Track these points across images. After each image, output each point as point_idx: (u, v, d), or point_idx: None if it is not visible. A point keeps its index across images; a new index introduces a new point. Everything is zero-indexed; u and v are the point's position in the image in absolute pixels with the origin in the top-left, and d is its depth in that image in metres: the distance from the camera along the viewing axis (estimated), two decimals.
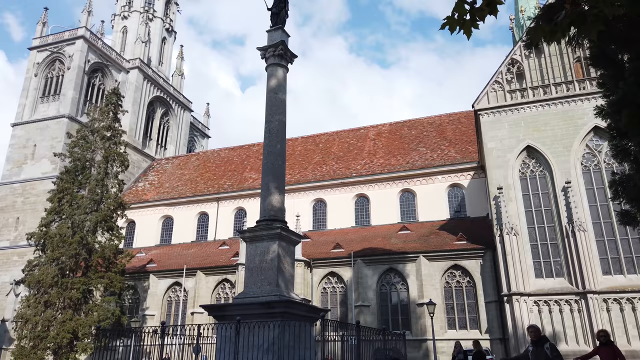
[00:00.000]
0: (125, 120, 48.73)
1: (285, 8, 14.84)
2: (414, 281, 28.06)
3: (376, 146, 41.63)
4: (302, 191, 39.31)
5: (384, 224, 35.64)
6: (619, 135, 6.75)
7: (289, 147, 45.50)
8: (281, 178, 13.07)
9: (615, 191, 8.11)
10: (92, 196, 25.78)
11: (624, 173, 8.19)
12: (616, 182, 7.94)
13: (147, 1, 59.19)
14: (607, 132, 7.11)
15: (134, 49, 54.06)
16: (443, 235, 31.01)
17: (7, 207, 42.66)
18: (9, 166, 44.04)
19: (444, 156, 37.40)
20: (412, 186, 36.76)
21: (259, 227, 12.37)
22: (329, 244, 32.69)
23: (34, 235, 25.59)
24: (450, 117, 42.27)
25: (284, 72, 14.14)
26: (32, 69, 47.55)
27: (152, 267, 34.86)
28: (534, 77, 28.06)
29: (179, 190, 44.93)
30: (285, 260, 12.19)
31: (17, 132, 45.15)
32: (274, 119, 13.50)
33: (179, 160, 51.04)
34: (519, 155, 27.14)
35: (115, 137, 27.77)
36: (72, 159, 26.78)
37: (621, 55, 6.16)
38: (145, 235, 43.17)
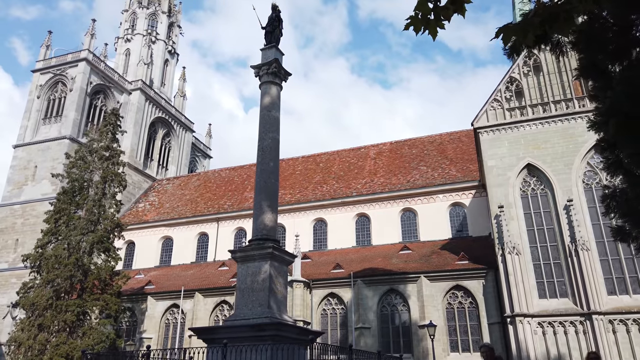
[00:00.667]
0: (126, 141, 48.98)
1: (280, 27, 14.88)
2: (415, 302, 27.52)
3: (377, 165, 41.47)
4: (302, 211, 39.02)
5: (385, 243, 35.22)
6: (608, 147, 6.53)
7: (289, 166, 45.47)
8: (274, 196, 12.87)
9: (607, 206, 7.85)
10: (89, 217, 25.59)
11: (617, 187, 7.95)
12: (608, 196, 7.68)
13: (150, 24, 60.02)
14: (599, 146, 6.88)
15: (137, 70, 54.60)
16: (445, 255, 30.54)
17: (6, 228, 42.50)
18: (10, 187, 44.05)
19: (445, 175, 37.15)
20: (413, 205, 36.43)
21: (251, 246, 12.13)
22: (329, 265, 32.25)
23: (29, 256, 25.34)
24: (451, 136, 42.16)
25: (277, 89, 14.08)
26: (35, 91, 47.97)
27: (150, 289, 34.41)
28: (533, 95, 27.99)
29: (179, 210, 44.72)
30: (278, 280, 11.89)
31: (19, 154, 45.30)
32: (267, 136, 13.37)
33: (179, 181, 50.97)
34: (519, 173, 26.88)
35: (113, 158, 27.72)
36: (69, 179, 26.68)
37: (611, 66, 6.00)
38: (145, 256, 42.82)
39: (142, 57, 55.51)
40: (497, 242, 25.84)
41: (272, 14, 14.90)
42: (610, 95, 5.47)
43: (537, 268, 25.12)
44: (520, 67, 28.70)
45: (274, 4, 15.02)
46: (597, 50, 5.61)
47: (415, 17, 2.95)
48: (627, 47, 5.41)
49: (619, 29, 5.44)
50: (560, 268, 24.74)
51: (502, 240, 25.44)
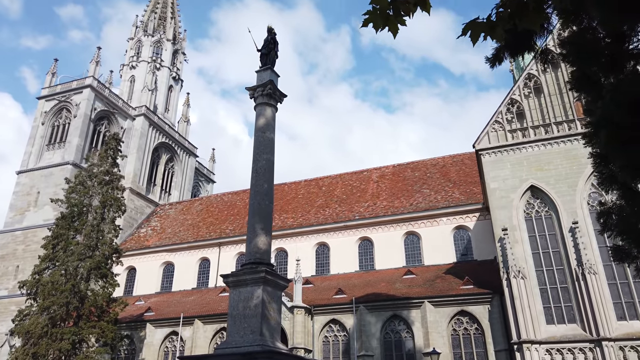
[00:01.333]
0: (129, 166, 49.13)
1: (275, 49, 14.85)
2: (420, 328, 26.79)
3: (379, 188, 41.15)
4: (304, 235, 38.58)
5: (389, 268, 34.61)
6: (602, 161, 6.24)
7: (291, 190, 45.25)
8: (268, 219, 12.59)
9: (604, 224, 7.49)
10: (87, 242, 25.33)
11: (614, 203, 7.61)
12: (604, 213, 7.34)
13: (155, 51, 60.93)
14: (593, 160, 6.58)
15: (141, 97, 55.14)
16: (449, 280, 29.90)
17: (7, 255, 42.28)
18: (12, 214, 44.01)
19: (449, 198, 36.74)
20: (417, 229, 35.93)
21: (243, 270, 11.79)
22: (331, 290, 31.63)
23: (26, 283, 25.00)
24: (454, 159, 41.91)
25: (272, 111, 13.95)
26: (40, 118, 48.44)
27: (150, 316, 33.82)
28: (534, 116, 27.80)
29: (181, 235, 44.40)
30: (271, 306, 11.49)
31: (22, 180, 45.43)
32: (262, 158, 13.18)
33: (182, 206, 50.79)
34: (522, 195, 26.46)
35: (113, 182, 27.62)
36: (68, 204, 26.54)
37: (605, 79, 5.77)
38: (146, 282, 42.32)
39: (146, 84, 56.14)
40: (502, 266, 25.26)
41: (268, 37, 14.91)
42: (600, 106, 5.25)
43: (544, 292, 24.45)
44: (521, 88, 28.62)
45: (269, 27, 15.05)
46: (589, 62, 5.41)
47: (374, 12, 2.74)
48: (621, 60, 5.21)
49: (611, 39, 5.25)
50: (567, 292, 24.06)
51: (506, 264, 24.86)
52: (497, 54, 5.14)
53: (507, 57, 5.21)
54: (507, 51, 5.10)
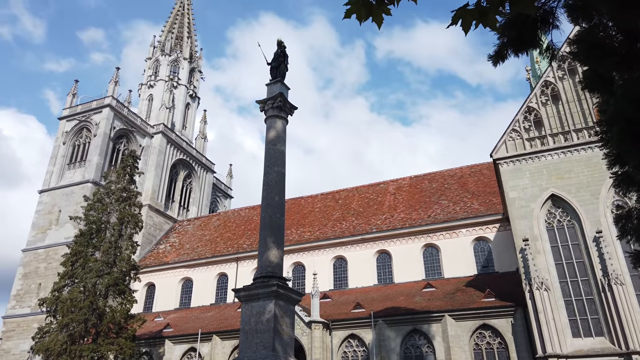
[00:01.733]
0: (148, 183, 49.73)
1: (285, 62, 14.88)
2: (441, 343, 26.12)
3: (396, 200, 40.74)
4: (321, 249, 38.32)
5: (408, 281, 34.06)
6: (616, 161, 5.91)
7: (308, 204, 45.11)
8: (279, 232, 12.44)
9: (622, 228, 7.09)
10: (105, 259, 25.52)
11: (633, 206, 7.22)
12: (622, 217, 6.95)
13: (172, 70, 61.99)
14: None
15: (159, 115, 56.00)
16: (470, 292, 29.21)
17: (30, 273, 42.94)
18: (34, 232, 44.80)
19: (467, 209, 36.13)
20: (436, 241, 35.35)
21: (255, 284, 11.63)
22: (349, 304, 31.19)
23: (46, 300, 25.26)
24: (472, 169, 41.31)
25: (283, 123, 13.90)
26: (61, 138, 49.47)
27: (168, 332, 33.80)
28: (552, 124, 27.25)
29: (199, 251, 44.53)
30: (284, 321, 11.29)
31: (44, 199, 46.29)
32: (273, 170, 13.10)
33: (200, 221, 51.04)
34: (543, 205, 25.81)
35: (130, 199, 27.89)
36: (87, 221, 26.85)
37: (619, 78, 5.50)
38: (165, 298, 42.46)
39: (164, 102, 57.04)
40: (524, 277, 24.57)
41: (278, 50, 14.96)
42: (612, 103, 4.98)
43: (569, 304, 23.65)
44: (538, 96, 28.14)
45: (279, 40, 15.09)
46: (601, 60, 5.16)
47: (357, 1, 2.60)
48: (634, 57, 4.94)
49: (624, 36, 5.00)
50: (593, 304, 23.23)
51: (529, 276, 24.18)
52: (500, 50, 4.95)
53: (511, 53, 5.01)
54: (510, 47, 4.90)
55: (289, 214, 44.61)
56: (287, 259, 39.06)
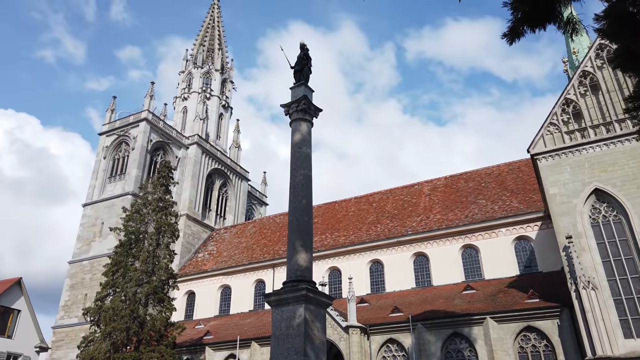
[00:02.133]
0: (185, 193, 50.82)
1: (308, 65, 14.80)
2: (483, 346, 25.28)
3: (432, 201, 39.95)
4: (357, 253, 37.99)
5: (446, 283, 33.27)
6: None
7: (342, 208, 44.88)
8: (307, 235, 12.30)
9: None
10: (143, 268, 26.11)
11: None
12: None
13: (205, 82, 63.29)
14: None
15: (193, 126, 57.22)
16: (512, 294, 28.21)
17: (77, 284, 44.51)
18: (79, 245, 46.46)
19: (506, 207, 35.01)
20: (474, 241, 34.40)
21: (284, 289, 11.52)
22: (387, 308, 30.71)
23: (89, 310, 26.04)
24: (510, 167, 40.06)
25: (308, 126, 13.80)
26: (102, 152, 51.25)
27: (208, 339, 34.24)
28: (592, 115, 26.05)
29: (236, 258, 45.01)
30: (315, 325, 11.12)
31: (87, 212, 47.98)
32: (299, 173, 13.00)
33: (236, 229, 51.65)
34: (587, 200, 24.64)
35: (166, 209, 28.49)
36: (126, 232, 27.59)
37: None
38: (205, 306, 43.10)
39: (197, 113, 58.25)
40: (569, 276, 23.48)
41: (301, 53, 14.90)
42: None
43: (619, 304, 22.41)
44: (576, 87, 26.99)
45: (301, 43, 15.05)
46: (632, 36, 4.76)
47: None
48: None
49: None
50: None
51: (574, 275, 23.09)
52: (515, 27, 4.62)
53: (527, 29, 4.67)
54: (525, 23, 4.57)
55: (323, 219, 44.56)
56: (322, 264, 39.00)
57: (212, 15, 70.90)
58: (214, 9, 71.77)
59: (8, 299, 30.53)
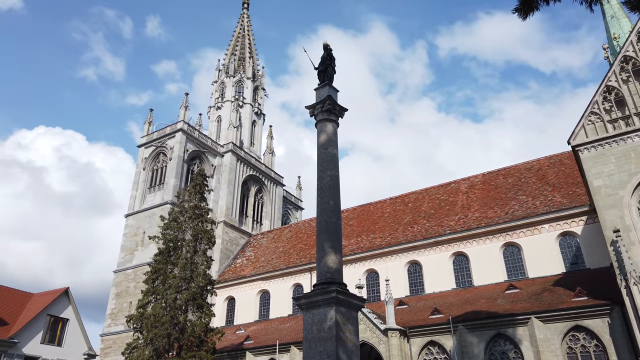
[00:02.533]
0: (222, 201, 51.63)
1: (332, 65, 14.63)
2: (529, 348, 24.31)
3: (470, 199, 38.95)
4: (394, 254, 37.47)
5: (488, 283, 32.30)
6: None
7: (377, 209, 44.42)
8: (336, 236, 12.10)
9: None
10: (182, 274, 26.59)
11: None
12: None
13: (237, 90, 64.25)
14: None
15: (227, 134, 58.14)
16: (558, 292, 27.06)
17: (122, 292, 45.88)
18: (123, 254, 47.91)
19: (549, 202, 33.69)
20: (516, 239, 33.28)
21: (314, 291, 11.35)
22: (426, 310, 30.09)
23: (132, 317, 26.71)
24: (551, 160, 38.59)
25: (333, 126, 13.63)
26: (141, 164, 52.76)
27: (249, 344, 34.51)
28: (637, 101, 24.70)
29: (274, 263, 45.28)
30: (347, 328, 10.89)
31: (129, 222, 49.45)
32: (326, 174, 12.82)
33: (273, 234, 52.01)
34: (634, 191, 23.34)
35: (202, 216, 28.96)
36: (164, 240, 28.21)
37: None
38: (245, 311, 43.55)
39: (231, 121, 59.15)
40: (619, 272, 22.27)
41: (324, 54, 14.76)
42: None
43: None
44: (617, 73, 25.69)
45: (324, 44, 14.93)
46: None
47: None
48: None
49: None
50: None
51: (623, 270, 21.88)
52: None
53: (542, 2, 4.34)
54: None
55: (359, 221, 44.24)
56: (359, 267, 38.71)
57: (241, 24, 72.01)
58: (243, 18, 72.90)
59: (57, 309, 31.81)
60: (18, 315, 30.02)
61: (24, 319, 29.74)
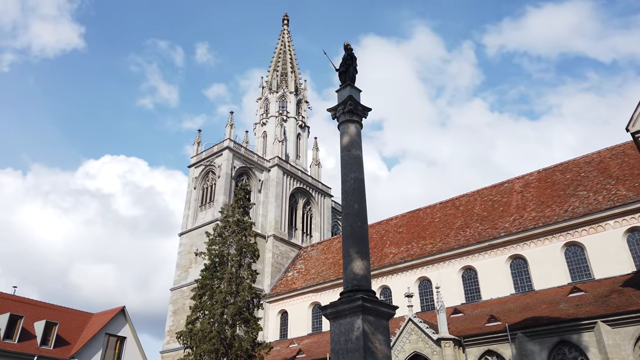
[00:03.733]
0: (270, 214, 52.01)
1: (353, 64, 14.22)
2: (597, 355, 22.28)
3: (525, 198, 36.83)
4: (446, 260, 36.00)
5: (550, 287, 30.23)
6: None
7: (427, 215, 43.00)
8: (362, 241, 11.51)
9: None
10: (228, 289, 26.69)
11: None
12: None
13: (281, 105, 64.96)
14: None
15: (273, 148, 58.71)
16: (629, 293, 24.77)
17: (178, 309, 46.95)
18: (178, 272, 49.15)
19: (612, 197, 31.21)
20: (577, 238, 31.02)
21: (340, 300, 10.80)
22: (483, 318, 28.49)
23: (182, 333, 27.06)
24: (612, 152, 35.86)
25: (356, 127, 13.14)
26: (192, 184, 54.22)
27: (301, 358, 34.12)
28: None
29: (324, 275, 44.82)
30: (376, 338, 10.25)
31: (183, 241, 50.77)
32: (349, 177, 12.33)
33: (322, 246, 51.63)
34: None
35: (246, 230, 29.07)
36: (209, 255, 28.53)
37: None
38: (297, 324, 43.28)
39: (276, 136, 59.73)
40: None
41: (345, 54, 14.38)
42: None
43: None
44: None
45: (345, 44, 14.54)
46: None
47: None
48: None
49: None
50: None
51: None
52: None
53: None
54: None
55: (408, 228, 43.00)
56: (410, 275, 37.51)
57: (282, 41, 73.03)
58: (283, 34, 73.93)
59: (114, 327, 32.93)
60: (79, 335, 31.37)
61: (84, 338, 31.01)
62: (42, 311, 30.39)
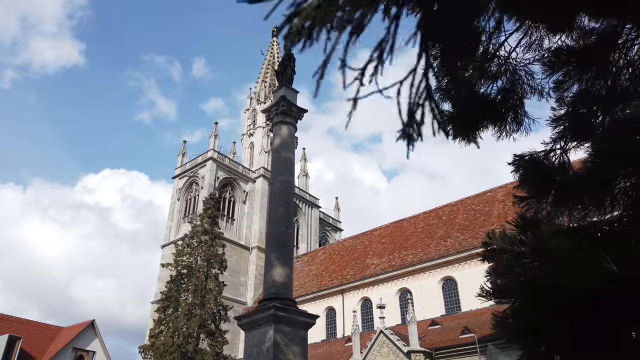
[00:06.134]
0: (255, 226, 51.32)
1: (291, 65, 13.66)
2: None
3: (507, 207, 36.08)
4: (426, 271, 35.20)
5: None
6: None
7: (410, 225, 42.25)
8: (284, 247, 10.84)
9: None
10: (192, 301, 25.95)
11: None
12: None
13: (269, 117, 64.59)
14: None
15: (259, 159, 58.22)
16: None
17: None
18: (159, 284, 48.21)
19: None
20: None
21: (255, 309, 10.11)
22: (458, 329, 27.59)
23: (144, 348, 26.25)
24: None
25: (289, 129, 12.52)
26: (176, 195, 53.68)
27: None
28: None
29: (306, 286, 43.99)
30: (290, 349, 9.52)
31: (165, 253, 50.01)
32: (277, 180, 11.69)
33: (307, 257, 50.85)
34: None
35: (213, 240, 28.41)
36: (176, 266, 27.83)
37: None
38: None
39: (262, 147, 59.31)
40: None
41: (284, 55, 13.87)
42: None
43: None
44: None
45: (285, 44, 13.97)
46: None
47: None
48: None
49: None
50: None
51: None
52: None
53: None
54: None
55: (391, 238, 42.23)
56: (392, 286, 36.66)
57: (271, 52, 72.96)
58: (272, 46, 73.88)
59: (83, 342, 32.07)
60: (45, 349, 30.53)
61: (50, 353, 30.15)
62: (5, 324, 29.59)
